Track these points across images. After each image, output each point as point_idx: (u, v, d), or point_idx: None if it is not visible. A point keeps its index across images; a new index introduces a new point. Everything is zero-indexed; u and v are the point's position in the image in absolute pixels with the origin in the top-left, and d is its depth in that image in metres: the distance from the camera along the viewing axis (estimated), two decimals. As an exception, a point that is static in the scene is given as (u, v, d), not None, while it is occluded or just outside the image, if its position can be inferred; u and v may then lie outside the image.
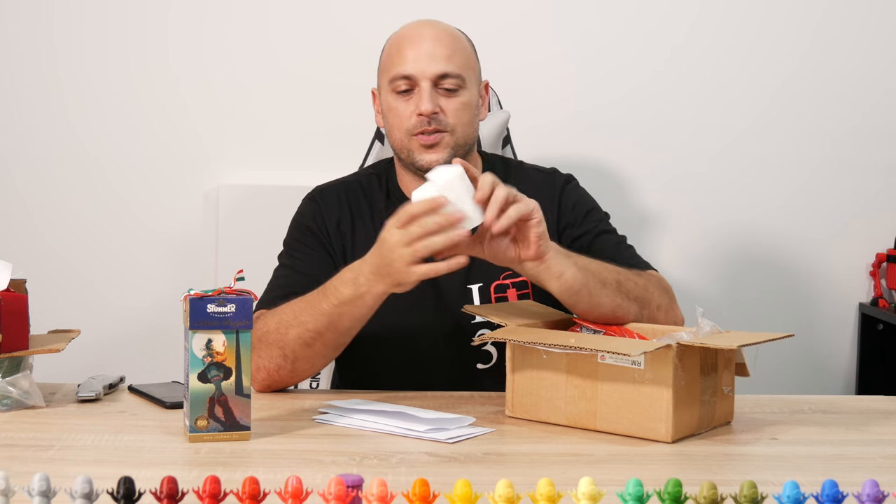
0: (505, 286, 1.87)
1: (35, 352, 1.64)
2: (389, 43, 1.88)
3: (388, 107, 1.85)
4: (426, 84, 1.81)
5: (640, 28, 2.82)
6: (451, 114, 1.82)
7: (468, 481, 1.06)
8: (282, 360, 1.71)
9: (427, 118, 1.80)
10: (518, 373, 1.59)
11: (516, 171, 1.97)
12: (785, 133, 2.87)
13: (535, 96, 2.76)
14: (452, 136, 1.83)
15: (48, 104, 2.75)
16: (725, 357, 1.57)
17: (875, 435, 1.56)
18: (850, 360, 2.92)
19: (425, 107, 1.80)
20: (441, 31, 1.85)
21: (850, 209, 2.89)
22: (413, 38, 1.83)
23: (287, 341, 1.69)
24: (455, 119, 1.83)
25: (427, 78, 1.81)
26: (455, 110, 1.83)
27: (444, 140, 1.82)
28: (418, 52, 1.81)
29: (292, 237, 1.91)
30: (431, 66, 1.81)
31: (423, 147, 1.82)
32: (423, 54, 1.81)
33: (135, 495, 1.05)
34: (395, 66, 1.83)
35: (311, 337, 1.68)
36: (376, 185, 1.94)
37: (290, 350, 1.70)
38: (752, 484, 1.07)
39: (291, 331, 1.69)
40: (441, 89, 1.82)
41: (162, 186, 2.77)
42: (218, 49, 2.76)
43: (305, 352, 1.70)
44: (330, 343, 1.70)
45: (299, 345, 1.69)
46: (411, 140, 1.83)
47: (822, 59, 2.85)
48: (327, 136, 2.76)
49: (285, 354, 1.70)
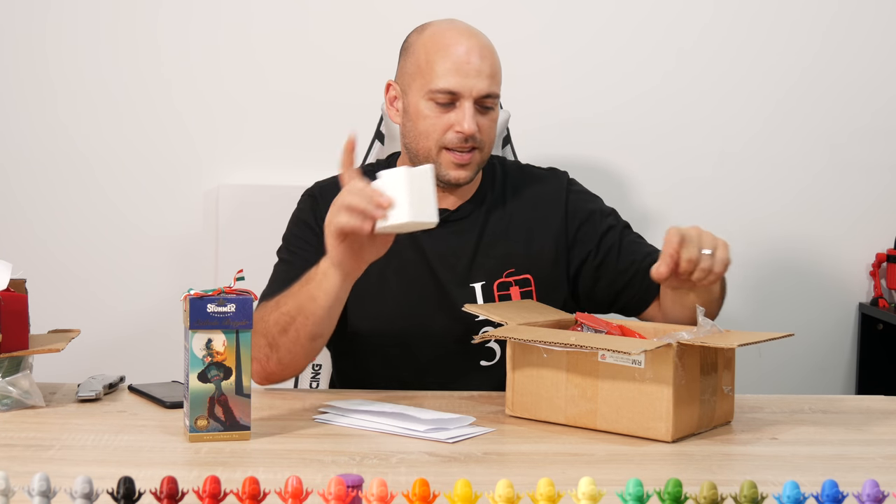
0: (508, 284, 1.88)
1: (35, 352, 1.64)
2: (428, 45, 1.84)
3: (420, 113, 1.83)
4: (469, 103, 1.80)
5: (646, 34, 2.81)
6: (485, 132, 1.84)
7: (468, 481, 1.06)
8: (268, 349, 1.72)
9: (467, 136, 1.81)
10: (518, 371, 1.59)
11: (517, 175, 1.98)
12: (786, 136, 2.86)
13: (536, 97, 2.76)
14: (481, 153, 1.85)
15: (48, 104, 2.75)
16: (725, 357, 1.57)
17: (875, 435, 1.56)
18: (850, 360, 2.92)
19: (469, 127, 1.80)
20: (483, 44, 1.84)
21: (851, 210, 2.89)
22: (459, 50, 1.81)
23: (268, 328, 1.71)
24: (487, 137, 1.85)
25: (472, 96, 1.80)
26: (489, 128, 1.85)
27: (475, 158, 1.84)
28: (465, 68, 1.80)
29: (291, 233, 1.92)
30: (478, 85, 1.80)
31: (455, 164, 1.83)
32: (470, 71, 1.80)
33: (135, 495, 1.05)
34: (440, 79, 1.80)
35: (286, 321, 1.69)
36: None
37: (271, 337, 1.71)
38: (752, 484, 1.07)
39: (271, 316, 1.71)
40: (479, 106, 1.82)
41: (162, 186, 2.77)
42: (219, 50, 2.76)
43: (283, 338, 1.70)
44: (302, 329, 1.68)
45: (277, 331, 1.70)
46: (441, 153, 1.83)
47: (825, 64, 2.85)
48: (327, 136, 2.75)
49: (269, 343, 1.71)
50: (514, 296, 1.87)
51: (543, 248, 1.91)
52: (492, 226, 1.91)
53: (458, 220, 1.91)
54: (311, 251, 1.85)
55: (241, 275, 1.47)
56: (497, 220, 1.91)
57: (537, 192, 1.95)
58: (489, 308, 1.74)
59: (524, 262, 1.89)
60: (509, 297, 1.87)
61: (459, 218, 1.91)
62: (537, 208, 1.93)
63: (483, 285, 1.87)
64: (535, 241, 1.91)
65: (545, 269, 1.90)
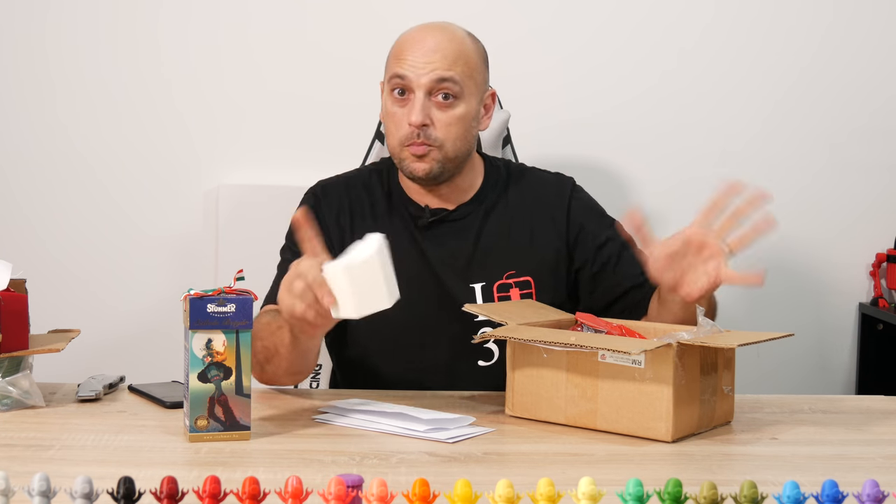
0: (508, 286, 1.88)
1: (35, 352, 1.64)
2: (396, 41, 1.87)
3: (386, 111, 1.85)
4: (420, 93, 1.79)
5: (646, 33, 2.81)
6: (441, 127, 1.81)
7: (468, 481, 1.06)
8: (259, 367, 1.73)
9: (416, 130, 1.80)
10: (518, 371, 1.59)
11: (521, 177, 1.98)
12: (786, 136, 2.86)
13: (537, 97, 2.76)
14: (440, 150, 1.82)
15: (48, 103, 2.75)
16: (725, 357, 1.57)
17: (875, 435, 1.56)
18: (850, 360, 2.92)
19: (415, 118, 1.78)
20: (447, 36, 1.83)
21: (851, 210, 2.88)
22: (416, 41, 1.82)
23: (257, 351, 1.69)
24: (444, 133, 1.81)
25: (422, 86, 1.79)
26: (446, 124, 1.81)
27: (432, 154, 1.81)
28: (417, 56, 1.80)
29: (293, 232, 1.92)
30: (427, 73, 1.79)
31: (413, 156, 1.82)
32: (421, 59, 1.79)
33: (135, 495, 1.05)
34: (393, 66, 1.82)
35: (266, 355, 1.71)
36: (377, 182, 1.95)
37: (260, 358, 1.72)
38: (752, 484, 1.07)
39: (257, 343, 1.69)
40: (436, 99, 1.81)
41: (162, 186, 2.77)
42: (219, 50, 2.76)
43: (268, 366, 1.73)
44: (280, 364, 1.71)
45: (263, 358, 1.72)
46: (403, 149, 1.83)
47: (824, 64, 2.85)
48: (327, 135, 2.76)
49: (259, 362, 1.72)
50: (514, 297, 1.87)
51: (545, 251, 1.91)
52: (491, 227, 1.91)
53: (457, 221, 1.91)
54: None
55: (241, 275, 1.47)
56: (497, 222, 1.91)
57: (540, 196, 1.95)
58: (489, 308, 1.74)
59: (525, 264, 1.89)
60: (509, 299, 1.87)
61: (458, 218, 1.91)
62: (540, 211, 1.93)
63: (483, 286, 1.87)
64: (537, 243, 1.91)
65: (546, 272, 1.90)
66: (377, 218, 1.90)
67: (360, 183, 1.95)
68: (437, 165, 1.82)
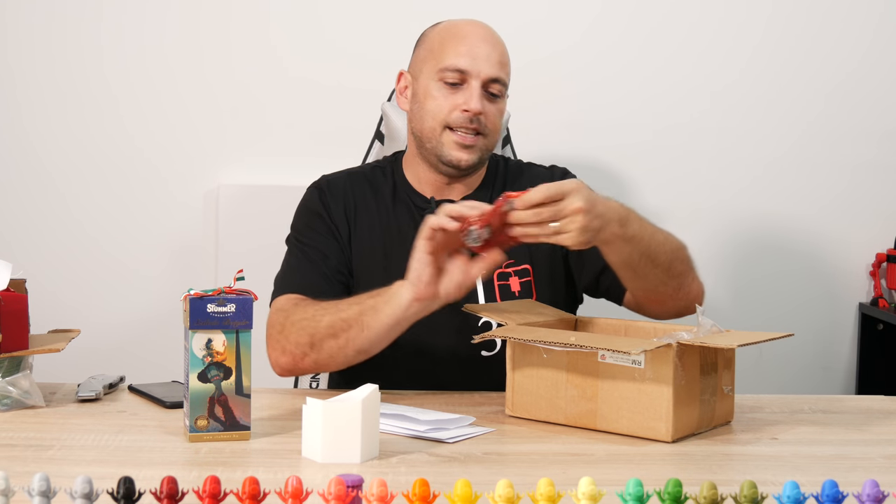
0: (507, 274, 1.89)
1: (35, 352, 1.64)
2: (443, 33, 1.89)
3: (429, 93, 1.86)
4: (477, 83, 1.84)
5: (641, 28, 2.82)
6: (490, 118, 1.86)
7: (468, 481, 1.06)
8: (308, 347, 1.71)
9: (472, 115, 1.83)
10: (518, 371, 1.59)
11: (519, 173, 1.99)
12: (785, 135, 2.87)
13: (536, 96, 2.76)
14: (486, 139, 1.87)
15: (48, 103, 2.75)
16: (725, 357, 1.57)
17: (875, 435, 1.56)
18: (850, 360, 2.92)
19: (475, 105, 1.83)
20: (496, 35, 1.89)
21: (851, 209, 2.89)
22: (471, 35, 1.86)
23: (318, 328, 1.70)
24: (493, 124, 1.87)
25: (481, 78, 1.84)
26: (494, 116, 1.87)
27: (479, 143, 1.86)
28: (477, 51, 1.84)
29: (301, 222, 1.93)
30: (487, 68, 1.84)
31: (458, 145, 1.85)
32: (481, 54, 1.84)
33: (135, 495, 1.05)
34: (450, 58, 1.85)
35: (341, 327, 1.69)
36: (381, 176, 1.96)
37: (317, 338, 1.71)
38: (752, 484, 1.07)
39: (325, 318, 1.71)
40: (487, 92, 1.85)
41: (162, 186, 2.77)
42: (218, 50, 2.76)
43: (330, 342, 1.70)
44: (354, 339, 1.69)
45: (328, 333, 1.70)
46: (445, 133, 1.85)
47: (824, 63, 2.85)
48: (327, 136, 2.76)
49: (312, 342, 1.71)
50: (514, 286, 1.88)
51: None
52: None
53: None
54: (322, 240, 1.88)
55: (241, 275, 1.47)
56: None
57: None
58: (490, 308, 1.74)
59: (523, 253, 1.90)
60: (509, 287, 1.88)
61: None
62: None
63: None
64: None
65: (543, 259, 1.91)
66: (382, 209, 1.91)
67: (363, 177, 1.97)
68: (479, 156, 1.87)
